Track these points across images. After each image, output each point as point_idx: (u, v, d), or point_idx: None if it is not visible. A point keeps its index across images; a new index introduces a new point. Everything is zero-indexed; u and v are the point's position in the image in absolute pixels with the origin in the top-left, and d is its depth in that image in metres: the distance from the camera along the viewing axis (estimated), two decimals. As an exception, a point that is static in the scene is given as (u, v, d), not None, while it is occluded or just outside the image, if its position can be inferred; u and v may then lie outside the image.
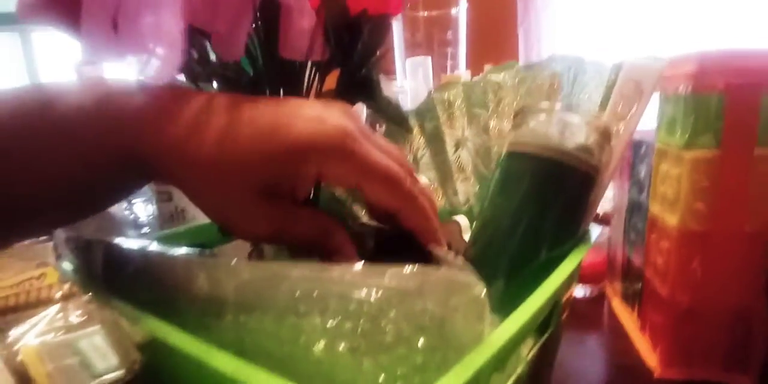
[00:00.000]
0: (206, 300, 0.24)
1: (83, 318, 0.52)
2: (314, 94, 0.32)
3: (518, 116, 0.31)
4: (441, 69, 0.85)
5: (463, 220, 0.35)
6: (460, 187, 0.39)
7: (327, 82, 0.33)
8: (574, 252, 0.27)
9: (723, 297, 0.34)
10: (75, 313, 0.53)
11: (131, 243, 0.29)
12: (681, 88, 0.35)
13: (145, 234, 0.69)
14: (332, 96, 0.32)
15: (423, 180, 0.40)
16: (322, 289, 0.20)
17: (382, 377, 0.17)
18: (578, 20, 1.58)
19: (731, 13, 1.27)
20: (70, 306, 0.55)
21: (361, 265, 0.20)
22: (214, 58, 0.29)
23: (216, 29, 0.25)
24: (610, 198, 0.52)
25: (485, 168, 0.38)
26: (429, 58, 0.71)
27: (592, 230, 0.30)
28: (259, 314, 0.21)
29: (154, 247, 0.28)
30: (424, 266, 0.19)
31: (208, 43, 0.28)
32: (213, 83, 0.31)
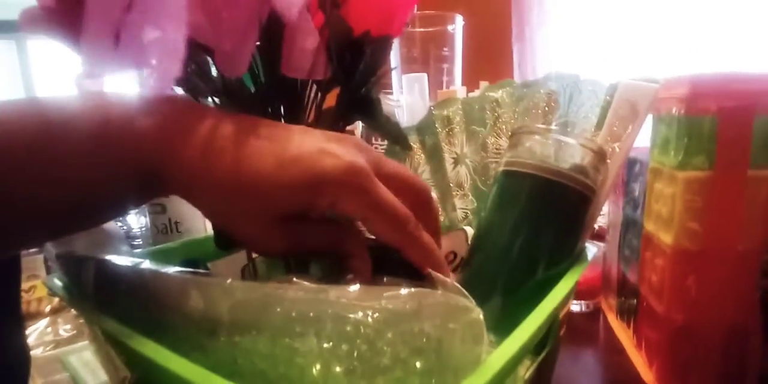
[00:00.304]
0: (200, 319, 0.23)
1: (73, 332, 0.51)
2: (314, 112, 0.32)
3: (514, 136, 0.31)
4: (437, 85, 0.86)
5: (470, 229, 0.35)
6: (459, 203, 0.39)
7: (326, 100, 0.33)
8: (571, 271, 0.27)
9: (718, 315, 0.34)
10: (64, 327, 0.52)
11: (123, 260, 0.29)
12: (674, 110, 0.35)
13: (138, 246, 0.69)
14: (332, 114, 0.33)
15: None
16: (317, 311, 0.20)
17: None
18: (573, 38, 1.61)
19: (725, 36, 1.29)
20: (59, 320, 0.54)
21: (358, 287, 0.20)
22: (215, 73, 0.29)
23: (220, 46, 0.25)
24: (605, 213, 0.53)
25: (483, 185, 0.38)
26: (425, 75, 0.71)
27: (588, 248, 0.31)
28: (253, 335, 0.21)
29: (146, 265, 0.27)
30: (421, 289, 0.19)
31: (210, 58, 0.28)
32: (213, 98, 0.31)
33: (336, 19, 0.29)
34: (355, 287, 0.20)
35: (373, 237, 0.29)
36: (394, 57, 0.85)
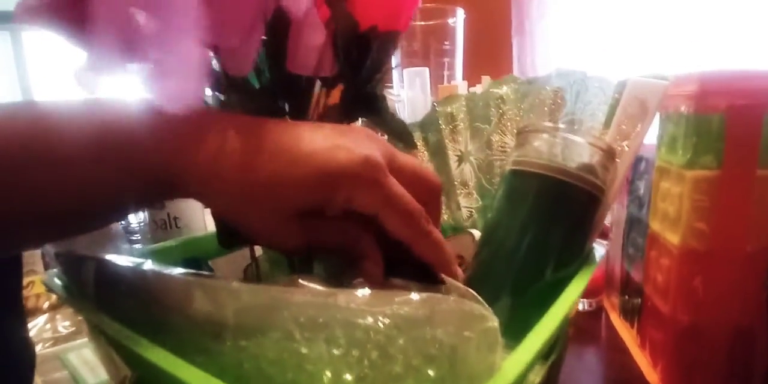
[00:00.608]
0: (204, 322, 0.23)
1: (72, 329, 0.51)
2: (319, 109, 0.31)
3: (521, 135, 0.31)
4: (438, 79, 0.85)
5: (476, 232, 0.34)
6: (463, 201, 0.38)
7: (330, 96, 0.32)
8: (581, 273, 0.26)
9: (724, 315, 0.34)
10: (63, 323, 0.52)
11: (124, 260, 0.28)
12: (683, 108, 0.35)
13: (136, 241, 0.68)
14: (337, 111, 0.32)
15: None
16: (326, 316, 0.19)
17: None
18: (573, 32, 1.60)
19: (728, 31, 1.28)
20: (58, 316, 0.53)
21: (368, 292, 0.20)
22: (217, 67, 0.29)
23: (226, 44, 0.25)
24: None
25: (488, 183, 0.38)
26: (427, 69, 0.71)
27: (596, 249, 0.30)
28: (260, 339, 0.21)
29: (148, 265, 0.27)
30: (434, 294, 0.18)
31: (214, 55, 0.27)
32: (216, 94, 0.30)
33: (343, 13, 0.29)
34: (365, 292, 0.20)
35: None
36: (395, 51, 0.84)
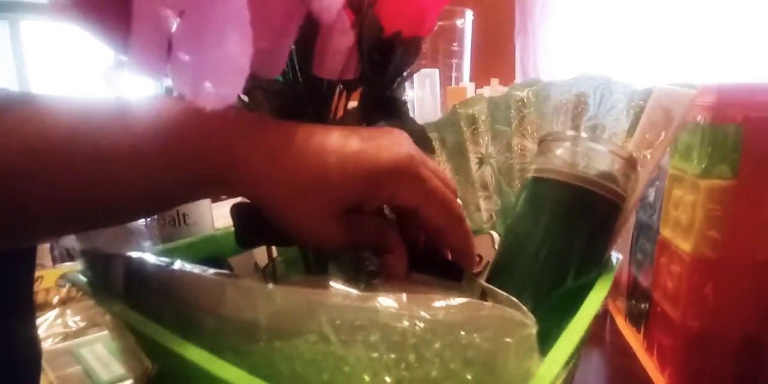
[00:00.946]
0: (237, 322, 0.23)
1: (83, 324, 0.51)
2: (339, 111, 0.32)
3: (543, 143, 0.31)
4: (446, 80, 0.86)
5: (496, 234, 0.35)
6: (483, 203, 0.39)
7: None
8: (602, 279, 0.27)
9: (734, 322, 0.35)
10: (74, 318, 0.52)
11: (153, 258, 0.29)
12: (699, 118, 0.35)
13: (144, 238, 0.68)
14: (357, 114, 0.32)
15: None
16: (363, 319, 0.20)
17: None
18: (576, 34, 1.60)
19: (727, 37, 1.29)
20: (68, 311, 0.54)
21: (405, 296, 0.20)
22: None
23: (257, 44, 0.25)
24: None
25: (507, 185, 0.38)
26: (437, 71, 0.71)
27: (613, 255, 0.31)
28: (295, 341, 0.21)
29: (178, 264, 0.27)
30: (472, 300, 0.19)
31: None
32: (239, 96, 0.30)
33: (370, 19, 0.29)
34: (402, 296, 0.20)
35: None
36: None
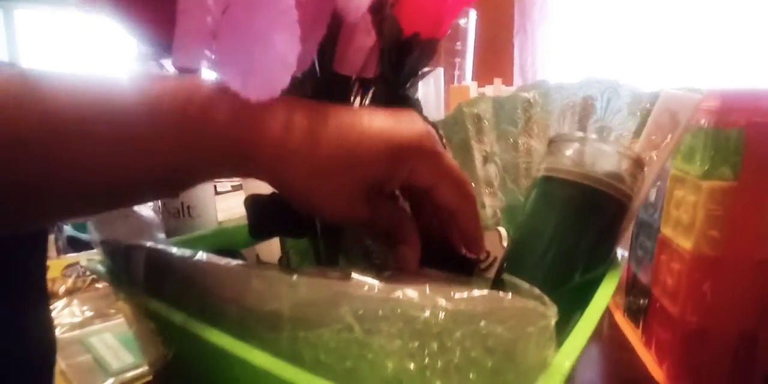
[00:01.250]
0: (260, 311, 0.24)
1: (90, 314, 0.51)
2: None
3: (552, 144, 0.32)
4: (449, 79, 0.86)
5: (503, 230, 0.36)
6: (488, 201, 0.40)
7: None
8: (609, 276, 0.28)
9: (731, 319, 0.36)
10: (81, 308, 0.53)
11: (174, 249, 0.29)
12: (702, 121, 0.36)
13: (162, 234, 0.68)
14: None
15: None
16: (386, 309, 0.21)
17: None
18: (575, 35, 1.61)
19: (727, 39, 1.31)
20: (75, 301, 0.54)
21: (427, 287, 0.21)
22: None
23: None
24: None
25: (512, 183, 0.39)
26: (441, 70, 0.72)
27: (619, 253, 0.32)
28: (319, 330, 0.22)
29: (200, 255, 0.28)
30: (493, 292, 0.20)
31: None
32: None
33: (391, 20, 0.30)
34: (425, 287, 0.21)
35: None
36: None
